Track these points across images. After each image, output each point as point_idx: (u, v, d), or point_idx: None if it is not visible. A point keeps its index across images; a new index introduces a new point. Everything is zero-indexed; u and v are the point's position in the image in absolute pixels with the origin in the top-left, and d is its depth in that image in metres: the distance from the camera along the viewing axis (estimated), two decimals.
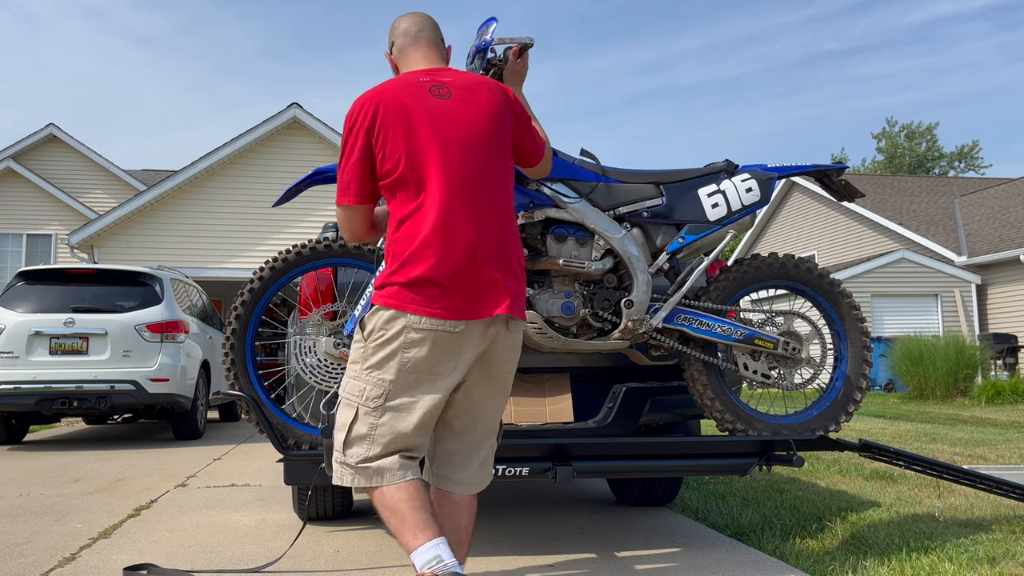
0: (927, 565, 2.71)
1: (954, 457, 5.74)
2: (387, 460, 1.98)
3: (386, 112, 2.00)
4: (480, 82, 2.12)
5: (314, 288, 2.93)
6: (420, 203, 1.98)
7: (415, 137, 1.98)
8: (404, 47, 2.21)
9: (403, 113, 1.99)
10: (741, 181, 2.91)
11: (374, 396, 1.98)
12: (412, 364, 1.95)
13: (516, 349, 2.11)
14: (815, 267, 2.98)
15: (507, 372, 2.12)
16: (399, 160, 1.98)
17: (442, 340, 1.95)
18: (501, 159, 2.07)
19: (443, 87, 2.05)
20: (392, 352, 1.96)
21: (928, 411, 11.12)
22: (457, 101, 2.04)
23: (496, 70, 2.69)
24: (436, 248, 1.94)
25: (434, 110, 2.01)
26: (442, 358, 1.96)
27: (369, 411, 1.98)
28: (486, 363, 2.05)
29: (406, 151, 1.98)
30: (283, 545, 3.13)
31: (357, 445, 1.99)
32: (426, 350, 1.94)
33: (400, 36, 2.22)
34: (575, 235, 2.76)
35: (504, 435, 2.92)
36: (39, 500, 4.33)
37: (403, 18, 2.25)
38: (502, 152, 2.08)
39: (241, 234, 14.35)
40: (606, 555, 2.98)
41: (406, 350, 1.95)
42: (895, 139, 43.65)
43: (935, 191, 22.80)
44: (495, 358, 2.05)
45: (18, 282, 7.34)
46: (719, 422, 2.90)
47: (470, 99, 2.06)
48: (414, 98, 2.01)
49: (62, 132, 19.20)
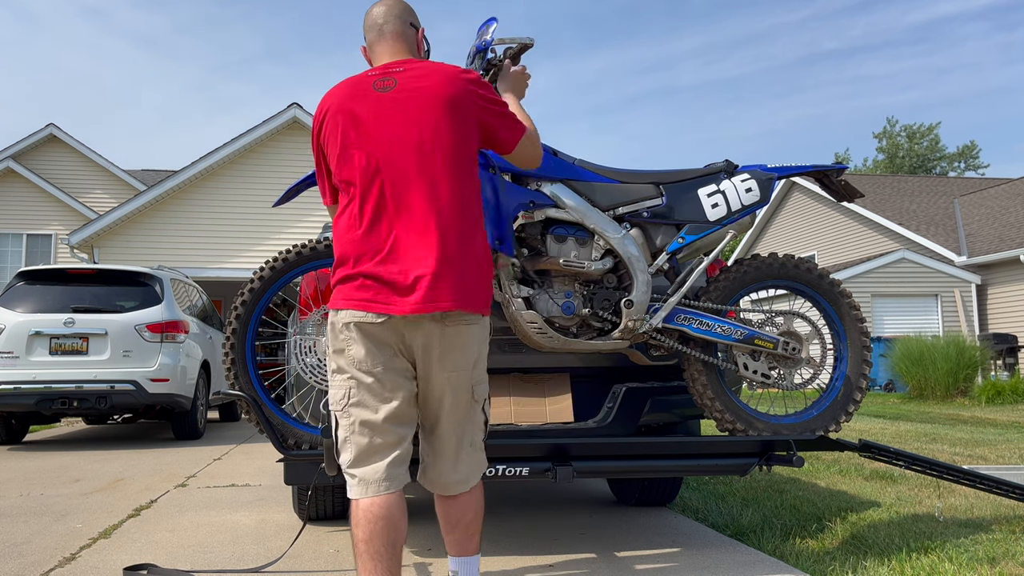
0: (927, 565, 2.71)
1: (954, 457, 5.74)
2: (368, 470, 1.96)
3: (329, 116, 2.03)
4: (435, 69, 2.06)
5: (314, 288, 2.93)
6: (351, 201, 1.99)
7: (350, 137, 1.99)
8: (372, 42, 2.19)
9: (343, 115, 2.01)
10: (741, 181, 2.92)
11: (339, 398, 2.00)
12: (358, 361, 1.96)
13: (465, 344, 2.03)
14: (815, 267, 2.98)
15: (460, 367, 2.04)
16: (336, 162, 2.01)
17: (378, 334, 1.95)
18: (450, 145, 2.00)
19: (389, 78, 2.03)
20: (340, 351, 1.99)
21: (928, 411, 11.12)
22: (401, 91, 2.00)
23: (496, 70, 2.69)
24: (366, 246, 1.95)
25: (374, 105, 2.00)
26: (383, 352, 1.96)
27: (340, 414, 2.00)
28: (435, 359, 2.00)
29: (341, 153, 2.00)
30: (283, 545, 3.13)
31: (344, 451, 2.01)
32: (366, 346, 1.95)
33: (368, 30, 2.20)
34: (575, 235, 2.76)
35: (504, 435, 2.93)
36: (39, 500, 4.33)
37: (371, 9, 2.22)
38: (453, 138, 2.00)
39: (241, 234, 14.35)
40: (606, 555, 2.98)
41: (349, 347, 1.97)
42: (896, 139, 43.66)
43: (935, 191, 22.80)
44: (441, 353, 2.00)
45: (18, 282, 7.34)
46: (719, 422, 2.90)
47: (418, 87, 2.01)
48: (356, 97, 2.02)
49: (62, 132, 19.19)
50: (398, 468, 2.00)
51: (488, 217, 2.61)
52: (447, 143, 1.99)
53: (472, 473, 2.14)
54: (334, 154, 2.02)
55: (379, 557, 1.91)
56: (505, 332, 2.97)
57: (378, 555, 1.91)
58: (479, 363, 2.10)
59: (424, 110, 1.99)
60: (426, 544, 3.18)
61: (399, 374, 1.99)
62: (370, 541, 1.92)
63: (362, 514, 1.94)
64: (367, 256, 1.95)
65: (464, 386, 2.06)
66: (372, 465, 1.97)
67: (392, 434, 1.99)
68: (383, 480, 1.96)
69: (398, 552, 1.95)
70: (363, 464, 1.98)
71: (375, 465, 1.97)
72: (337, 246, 2.00)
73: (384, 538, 1.92)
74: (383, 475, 1.96)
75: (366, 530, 1.93)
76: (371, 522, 1.93)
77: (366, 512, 1.94)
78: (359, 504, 1.95)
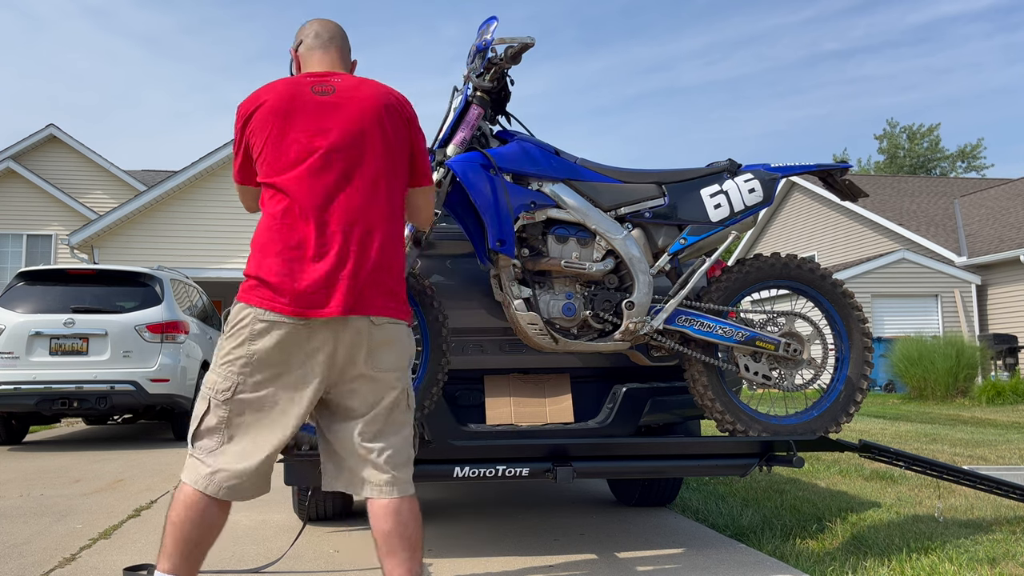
0: (927, 566, 2.71)
1: (954, 458, 5.74)
2: (222, 475, 1.94)
3: (261, 111, 2.02)
4: (372, 82, 2.11)
5: None
6: (274, 199, 1.99)
7: (283, 136, 2.00)
8: (312, 48, 2.21)
9: (278, 113, 2.01)
10: (744, 181, 2.91)
11: (223, 389, 1.96)
12: (257, 357, 1.93)
13: (382, 348, 2.00)
14: (817, 267, 2.97)
15: (381, 370, 2.01)
16: (264, 158, 2.01)
17: (286, 335, 1.92)
18: (376, 156, 2.02)
19: (328, 85, 2.06)
20: (239, 344, 1.95)
21: (928, 411, 11.11)
22: (339, 97, 2.03)
23: (497, 69, 2.69)
24: (285, 244, 1.94)
25: (312, 107, 2.01)
26: (288, 353, 1.94)
27: (219, 404, 1.96)
28: (351, 363, 1.98)
29: (271, 150, 2.00)
30: (283, 545, 3.13)
31: (207, 438, 1.97)
32: (270, 344, 1.93)
33: (311, 37, 2.22)
34: (576, 235, 2.76)
35: (504, 435, 2.93)
36: (39, 500, 4.33)
37: (318, 21, 2.26)
38: (378, 150, 2.03)
39: (241, 234, 14.35)
40: (606, 555, 2.98)
41: (252, 342, 1.94)
42: (896, 139, 43.65)
43: (935, 191, 22.80)
44: (358, 358, 1.98)
45: (18, 282, 7.33)
46: (719, 423, 2.90)
47: (355, 96, 2.04)
48: (294, 98, 2.02)
49: (62, 132, 19.20)
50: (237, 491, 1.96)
51: (489, 217, 2.61)
52: (375, 152, 2.02)
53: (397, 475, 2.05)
54: (262, 149, 2.01)
55: (181, 542, 1.92)
56: (505, 332, 2.97)
57: (180, 544, 1.92)
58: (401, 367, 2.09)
59: (361, 116, 2.02)
60: (426, 544, 3.18)
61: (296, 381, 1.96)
62: (181, 526, 1.93)
63: (183, 497, 1.95)
64: (283, 255, 1.93)
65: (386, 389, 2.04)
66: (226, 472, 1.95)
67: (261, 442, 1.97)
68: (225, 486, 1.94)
69: (202, 548, 1.96)
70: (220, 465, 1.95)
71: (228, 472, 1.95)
72: (256, 239, 1.99)
73: (192, 529, 1.93)
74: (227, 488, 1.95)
75: (180, 513, 1.94)
76: (188, 508, 1.94)
77: (187, 498, 1.94)
78: (184, 488, 1.96)
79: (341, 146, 1.99)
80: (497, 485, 4.56)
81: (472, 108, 2.72)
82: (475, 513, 3.81)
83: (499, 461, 2.65)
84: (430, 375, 2.72)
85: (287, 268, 1.92)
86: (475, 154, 2.66)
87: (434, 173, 2.65)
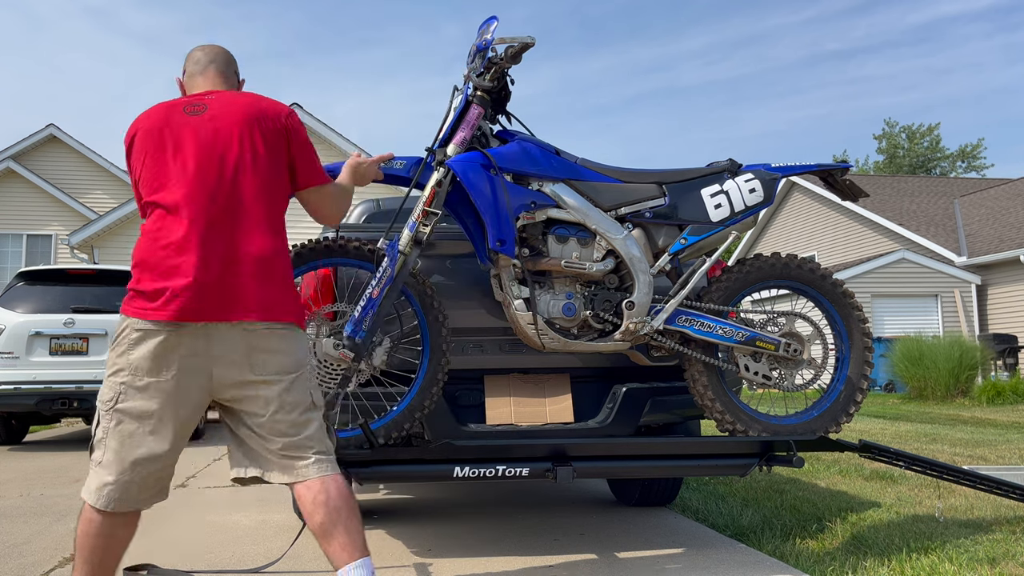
0: (927, 566, 2.71)
1: (954, 458, 5.74)
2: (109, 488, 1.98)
3: (139, 137, 2.11)
4: (247, 95, 2.19)
5: (314, 288, 2.93)
6: (151, 216, 2.05)
7: (152, 156, 2.07)
8: (193, 74, 2.30)
9: (152, 137, 2.09)
10: (744, 181, 2.91)
11: (108, 399, 2.00)
12: (135, 366, 1.97)
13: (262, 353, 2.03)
14: (818, 267, 2.97)
15: (266, 375, 2.03)
16: (144, 181, 2.08)
17: (159, 343, 1.95)
18: (245, 165, 2.07)
19: (200, 105, 2.13)
20: (120, 355, 1.99)
21: (928, 411, 11.11)
22: (208, 116, 2.10)
23: (497, 69, 2.69)
24: (157, 257, 1.98)
25: (182, 127, 2.08)
26: (162, 361, 1.96)
27: (104, 414, 2.00)
28: (232, 368, 2.01)
29: (145, 170, 2.07)
30: (283, 545, 3.13)
31: (97, 449, 2.01)
32: (145, 352, 1.96)
33: (191, 64, 2.31)
34: (576, 235, 2.76)
35: (504, 435, 2.93)
36: (39, 500, 4.33)
37: (199, 48, 2.34)
38: (246, 159, 2.08)
39: None
40: (606, 555, 2.98)
41: (129, 352, 1.97)
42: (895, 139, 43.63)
43: (935, 191, 22.80)
44: (237, 363, 2.01)
45: (18, 282, 7.34)
46: (719, 423, 2.90)
47: (226, 111, 2.11)
48: (167, 121, 2.10)
49: (62, 132, 19.18)
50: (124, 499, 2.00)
51: (489, 217, 2.61)
52: (248, 160, 2.07)
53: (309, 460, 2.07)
54: (140, 173, 2.09)
55: (86, 559, 2.00)
56: (505, 332, 2.97)
57: (87, 559, 2.00)
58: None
59: (229, 129, 2.08)
60: (426, 544, 3.18)
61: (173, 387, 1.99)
62: (84, 539, 2.00)
63: (85, 512, 2.02)
64: (157, 266, 1.98)
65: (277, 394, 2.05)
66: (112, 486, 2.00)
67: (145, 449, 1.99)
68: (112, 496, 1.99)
69: (111, 560, 2.03)
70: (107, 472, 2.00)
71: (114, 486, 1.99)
72: (135, 254, 2.04)
73: (95, 545, 1.99)
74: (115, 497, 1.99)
75: (81, 529, 2.01)
76: (87, 524, 2.00)
77: (84, 514, 2.02)
78: (85, 504, 2.02)
79: (210, 159, 2.05)
80: (497, 485, 4.56)
81: (472, 108, 2.71)
82: (475, 513, 3.81)
83: (499, 461, 2.65)
84: (430, 375, 2.72)
85: (159, 279, 1.97)
86: (475, 154, 2.66)
87: (434, 173, 2.66)
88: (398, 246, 2.60)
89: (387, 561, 2.90)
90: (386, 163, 2.66)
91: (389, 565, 2.85)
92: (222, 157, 2.06)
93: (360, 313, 2.58)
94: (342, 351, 2.56)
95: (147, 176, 2.06)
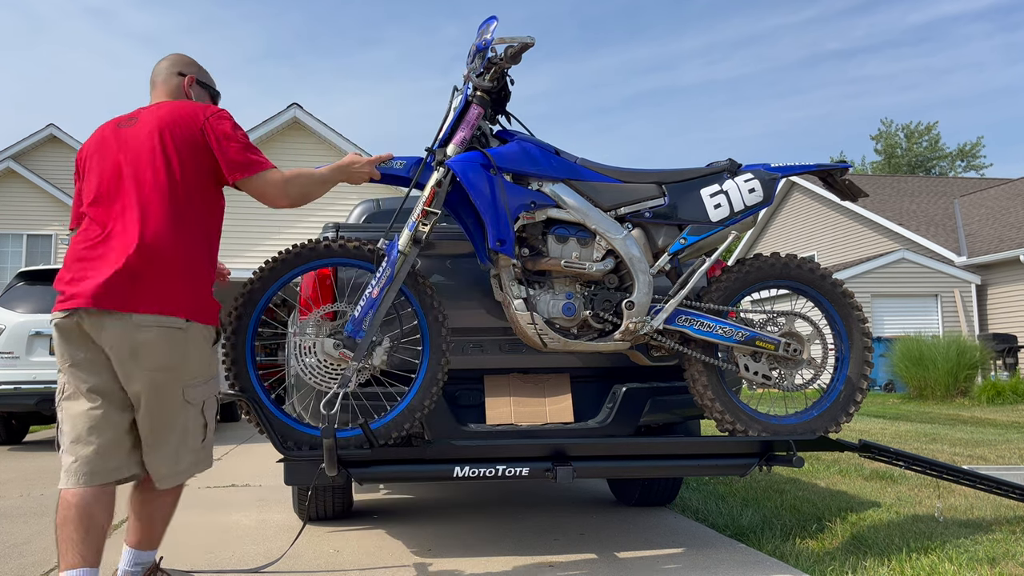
0: (927, 565, 2.71)
1: (954, 457, 5.74)
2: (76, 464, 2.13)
3: (82, 156, 2.38)
4: (175, 103, 2.39)
5: (314, 288, 2.93)
6: (80, 225, 2.27)
7: (88, 173, 2.33)
8: (150, 92, 2.53)
9: (90, 155, 2.35)
10: (744, 181, 2.91)
11: (59, 389, 2.23)
12: (62, 354, 2.20)
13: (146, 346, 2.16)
14: (817, 267, 2.97)
15: (147, 368, 2.17)
16: (80, 196, 2.33)
17: (65, 332, 2.18)
18: (159, 166, 2.25)
19: (134, 118, 2.35)
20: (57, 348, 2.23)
21: (928, 411, 11.11)
22: (136, 126, 2.32)
23: (497, 69, 2.69)
24: (75, 258, 2.20)
25: (113, 141, 2.32)
26: (74, 347, 2.17)
27: (58, 403, 2.22)
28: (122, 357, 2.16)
29: (84, 187, 2.33)
30: (283, 545, 3.13)
31: (60, 436, 2.19)
32: (62, 340, 2.19)
33: (149, 84, 2.54)
34: (576, 235, 2.75)
35: (504, 435, 2.93)
36: (39, 500, 4.33)
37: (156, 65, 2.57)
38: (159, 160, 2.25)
39: (241, 234, 14.33)
40: (606, 555, 2.98)
41: (59, 343, 2.21)
42: (893, 139, 43.61)
43: (935, 191, 22.80)
44: (124, 353, 2.15)
45: (18, 282, 7.34)
46: (719, 423, 2.90)
47: (147, 120, 2.32)
48: (102, 138, 2.34)
49: (62, 132, 19.17)
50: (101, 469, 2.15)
51: (489, 217, 2.61)
52: (161, 161, 2.25)
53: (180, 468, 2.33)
54: (80, 188, 2.36)
55: (70, 542, 2.09)
56: (505, 332, 2.97)
57: (70, 540, 2.09)
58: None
59: (149, 134, 2.28)
60: (426, 544, 3.18)
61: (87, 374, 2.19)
62: (64, 526, 2.11)
63: (60, 500, 2.13)
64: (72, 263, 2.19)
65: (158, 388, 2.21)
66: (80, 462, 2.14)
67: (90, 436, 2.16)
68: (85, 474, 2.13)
69: (94, 539, 2.12)
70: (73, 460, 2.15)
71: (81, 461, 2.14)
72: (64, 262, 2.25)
73: (76, 525, 2.09)
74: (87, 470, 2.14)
75: (61, 515, 2.12)
76: (65, 508, 2.12)
77: (63, 499, 2.13)
78: (60, 495, 2.15)
79: (128, 164, 2.25)
80: (497, 485, 4.56)
81: (472, 108, 2.71)
82: (475, 513, 3.81)
83: (499, 461, 2.65)
84: (430, 375, 2.72)
85: (72, 277, 2.18)
86: (475, 154, 2.66)
87: (434, 173, 2.66)
88: (398, 246, 2.60)
89: (387, 561, 2.90)
90: (385, 163, 2.66)
91: (389, 565, 2.85)
92: (135, 159, 2.25)
93: (360, 313, 2.58)
94: (342, 351, 2.56)
95: (84, 189, 2.32)
